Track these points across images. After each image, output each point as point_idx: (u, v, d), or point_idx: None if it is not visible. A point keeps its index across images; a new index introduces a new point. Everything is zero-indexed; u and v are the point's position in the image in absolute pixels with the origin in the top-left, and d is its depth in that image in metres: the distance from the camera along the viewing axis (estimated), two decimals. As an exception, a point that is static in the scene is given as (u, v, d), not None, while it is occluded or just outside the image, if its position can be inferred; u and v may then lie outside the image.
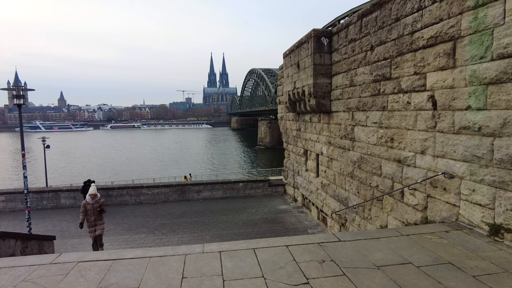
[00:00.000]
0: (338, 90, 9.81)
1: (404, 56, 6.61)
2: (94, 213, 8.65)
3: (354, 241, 4.57)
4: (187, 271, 3.75)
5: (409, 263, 3.84)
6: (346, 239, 4.62)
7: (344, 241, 4.58)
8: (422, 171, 6.17)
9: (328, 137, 10.78)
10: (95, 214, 8.66)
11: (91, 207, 8.63)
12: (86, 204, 8.67)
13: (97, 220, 8.73)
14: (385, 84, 7.35)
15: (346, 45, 9.25)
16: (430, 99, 5.88)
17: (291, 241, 4.55)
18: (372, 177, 8.04)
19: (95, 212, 8.65)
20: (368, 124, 8.17)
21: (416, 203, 6.32)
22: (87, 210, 8.64)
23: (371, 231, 5.21)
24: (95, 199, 8.70)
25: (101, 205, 8.77)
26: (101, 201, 8.85)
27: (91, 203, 8.62)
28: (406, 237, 4.68)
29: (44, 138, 21.89)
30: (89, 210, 8.63)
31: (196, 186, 16.37)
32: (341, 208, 9.94)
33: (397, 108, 6.94)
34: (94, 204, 8.64)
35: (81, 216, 8.71)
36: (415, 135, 6.33)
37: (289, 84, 13.16)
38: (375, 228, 7.96)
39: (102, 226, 8.89)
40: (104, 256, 4.23)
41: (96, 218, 8.69)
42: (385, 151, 7.42)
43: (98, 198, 8.82)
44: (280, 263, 3.91)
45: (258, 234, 11.39)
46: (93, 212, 8.64)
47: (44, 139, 21.82)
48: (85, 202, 8.72)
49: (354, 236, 4.79)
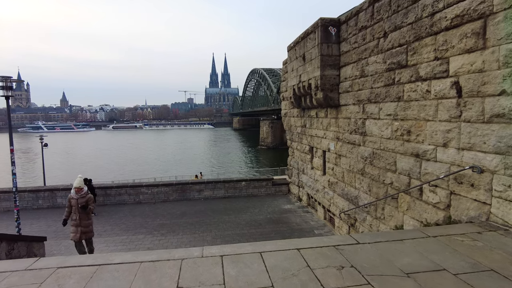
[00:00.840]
0: (347, 82, 9.23)
1: (422, 41, 6.04)
2: (78, 210, 7.58)
3: (375, 243, 4.01)
4: (183, 278, 3.20)
5: (444, 270, 3.27)
6: (365, 241, 4.06)
7: (363, 243, 4.01)
8: (444, 165, 5.59)
9: (336, 133, 10.20)
10: (79, 211, 7.58)
11: (75, 202, 7.59)
12: (71, 198, 7.66)
13: (82, 220, 7.64)
14: (401, 73, 6.78)
15: (356, 33, 8.68)
16: (454, 86, 5.30)
17: (303, 244, 3.99)
18: (385, 173, 7.47)
19: (79, 209, 7.58)
20: (381, 117, 7.60)
21: (437, 201, 5.74)
22: (72, 206, 7.63)
23: (393, 232, 4.66)
24: (80, 193, 7.66)
25: (87, 201, 7.68)
26: (87, 196, 7.77)
27: (75, 198, 7.61)
28: (433, 239, 4.11)
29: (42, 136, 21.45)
30: (73, 206, 7.60)
31: (197, 185, 15.81)
32: (350, 208, 9.36)
33: (414, 97, 6.36)
34: (78, 199, 7.60)
35: (65, 211, 7.71)
36: (436, 126, 5.76)
37: (294, 78, 12.59)
38: (389, 228, 7.38)
39: (89, 228, 7.78)
40: (88, 261, 3.69)
41: (80, 216, 7.60)
42: (401, 145, 6.84)
43: (84, 192, 7.77)
44: (292, 269, 3.35)
45: (262, 235, 10.83)
46: (77, 208, 7.58)
47: (41, 137, 21.37)
48: (70, 196, 7.71)
49: (374, 237, 4.22)
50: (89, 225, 7.88)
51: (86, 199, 7.70)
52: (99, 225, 12.20)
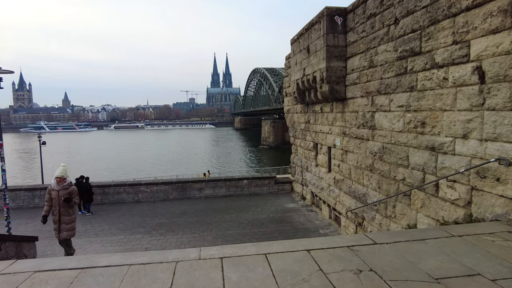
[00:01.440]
0: (355, 74, 8.78)
1: (439, 24, 5.58)
2: (59, 204, 6.52)
3: (394, 243, 3.56)
4: (176, 284, 2.76)
5: (478, 275, 2.82)
6: (383, 241, 3.61)
7: (381, 243, 3.57)
8: (464, 159, 5.14)
9: (342, 128, 9.74)
10: (60, 205, 6.51)
11: (56, 194, 6.53)
12: (51, 190, 6.59)
13: (63, 215, 6.61)
14: (414, 60, 6.32)
15: (364, 22, 8.22)
16: (475, 71, 4.84)
17: (313, 244, 3.55)
18: (397, 169, 7.01)
19: (61, 202, 6.49)
20: (392, 109, 7.14)
21: (456, 198, 5.29)
22: (52, 199, 6.56)
23: (412, 231, 4.22)
24: (62, 184, 6.58)
25: (70, 194, 6.62)
26: (70, 188, 6.69)
27: (56, 189, 6.55)
28: (459, 238, 3.66)
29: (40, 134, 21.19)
30: (54, 198, 6.54)
31: (198, 184, 15.39)
32: (357, 206, 8.91)
33: (429, 86, 5.91)
34: (60, 191, 6.53)
35: (45, 205, 6.65)
36: (455, 116, 5.30)
37: (297, 72, 12.14)
38: (400, 227, 6.93)
39: (70, 226, 6.71)
40: (71, 263, 3.26)
41: (61, 211, 6.57)
42: (414, 138, 6.38)
43: (67, 184, 6.68)
44: (302, 274, 2.91)
45: (264, 234, 10.40)
46: (58, 202, 6.50)
47: (39, 136, 21.13)
48: (50, 188, 6.62)
49: (392, 237, 3.77)
50: (71, 221, 6.80)
51: (69, 191, 6.65)
52: (96, 224, 11.82)
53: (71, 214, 6.81)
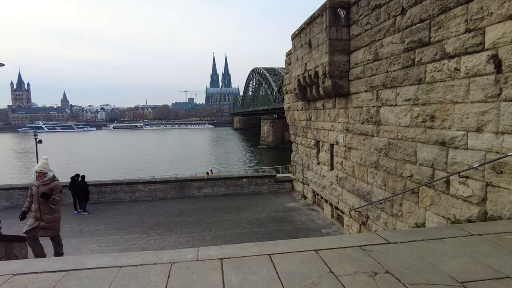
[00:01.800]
0: (359, 68, 8.49)
1: (450, 12, 5.30)
2: (38, 200, 5.90)
3: (409, 243, 3.27)
4: (170, 289, 2.47)
5: (508, 278, 2.54)
6: (396, 241, 3.32)
7: (394, 243, 3.28)
8: (478, 153, 4.86)
9: (345, 124, 9.46)
10: (39, 201, 5.90)
11: (36, 190, 5.93)
12: (32, 185, 6.03)
13: (44, 213, 5.97)
14: (422, 51, 6.04)
15: (369, 14, 7.94)
16: (491, 60, 4.56)
17: (321, 244, 3.26)
18: (403, 165, 6.72)
19: (39, 198, 5.87)
20: (398, 103, 6.85)
21: (469, 195, 5.00)
22: (33, 195, 5.99)
23: (427, 230, 3.94)
24: (43, 179, 5.95)
25: (52, 190, 5.95)
26: (52, 184, 6.01)
27: (36, 185, 5.94)
28: (479, 237, 3.37)
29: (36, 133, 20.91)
30: (34, 194, 5.97)
31: (197, 182, 15.08)
32: (361, 204, 8.62)
33: (439, 78, 5.62)
34: (40, 187, 5.90)
35: (27, 201, 6.14)
36: (467, 108, 5.02)
37: (298, 67, 11.85)
38: (407, 226, 6.64)
39: (52, 224, 6.07)
40: (55, 265, 2.96)
41: (41, 208, 5.94)
42: (422, 133, 6.10)
43: (49, 178, 6.03)
44: (311, 276, 2.62)
45: (265, 234, 10.10)
46: (38, 198, 5.89)
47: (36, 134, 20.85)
48: (31, 183, 6.09)
49: (406, 236, 3.48)
50: (53, 220, 6.16)
51: (50, 186, 5.98)
52: (92, 223, 11.51)
53: (53, 213, 6.12)
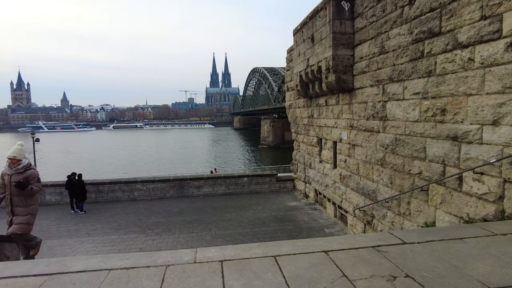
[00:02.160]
0: (364, 62, 8.20)
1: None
2: (11, 192, 5.09)
3: (427, 243, 2.99)
4: (164, 296, 2.18)
5: (545, 282, 2.25)
6: (413, 241, 3.04)
7: (411, 243, 2.99)
8: (493, 148, 4.57)
9: (349, 120, 9.17)
10: (12, 193, 5.09)
11: (8, 179, 5.10)
12: (3, 174, 5.22)
13: (17, 205, 5.14)
14: (432, 42, 5.75)
15: (374, 5, 7.65)
16: (509, 48, 4.27)
17: (331, 245, 2.97)
18: (412, 162, 6.43)
19: (13, 189, 5.06)
20: (406, 97, 6.57)
21: (485, 192, 4.71)
22: (5, 185, 5.17)
23: (445, 229, 3.65)
24: (15, 167, 5.13)
25: (28, 179, 5.13)
26: (27, 172, 5.18)
27: (8, 174, 5.13)
28: (503, 237, 3.09)
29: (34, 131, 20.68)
30: (6, 184, 5.14)
31: (196, 181, 14.79)
32: (366, 203, 8.34)
33: (451, 69, 5.33)
34: (12, 176, 5.09)
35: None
36: (482, 100, 4.73)
37: (300, 63, 11.56)
38: (416, 226, 6.36)
39: (23, 218, 5.14)
40: (37, 268, 2.67)
41: (14, 201, 5.12)
42: (432, 128, 5.81)
43: (23, 166, 5.18)
44: (322, 281, 2.33)
45: (266, 234, 9.82)
46: (10, 189, 5.08)
47: (33, 133, 20.59)
48: (3, 171, 5.28)
49: (423, 236, 3.19)
50: (27, 213, 5.23)
51: (25, 175, 5.16)
52: (89, 223, 11.22)
53: (27, 205, 5.23)
